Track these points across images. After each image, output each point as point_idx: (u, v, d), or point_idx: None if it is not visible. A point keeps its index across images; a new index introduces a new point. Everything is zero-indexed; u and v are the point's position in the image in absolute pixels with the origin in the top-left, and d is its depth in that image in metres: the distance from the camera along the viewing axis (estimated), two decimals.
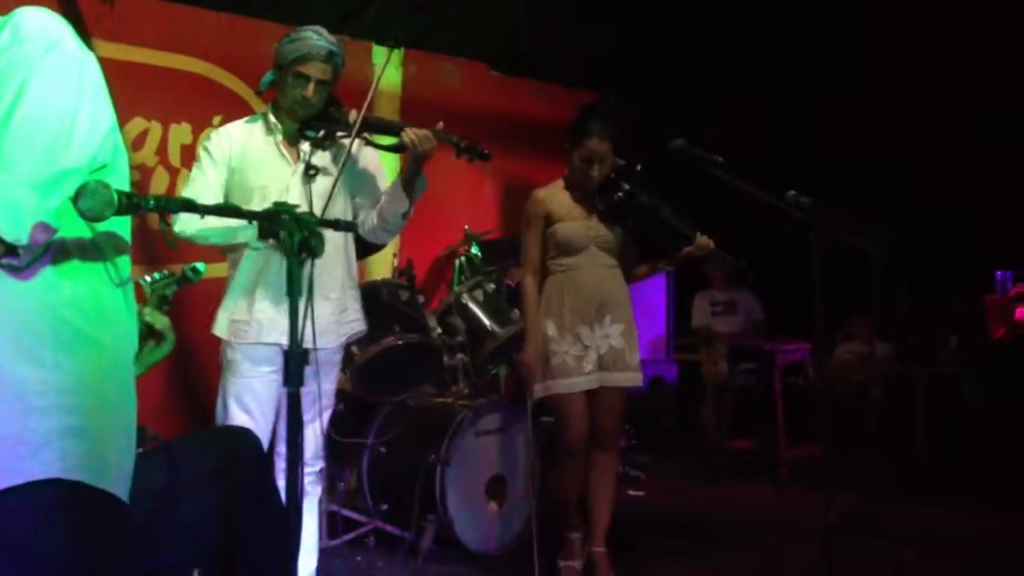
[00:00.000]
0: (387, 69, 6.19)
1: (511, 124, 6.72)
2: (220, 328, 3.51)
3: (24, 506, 1.81)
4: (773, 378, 6.19)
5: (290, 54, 3.41)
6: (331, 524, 4.50)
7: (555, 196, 4.24)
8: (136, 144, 5.10)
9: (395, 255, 5.37)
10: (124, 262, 2.02)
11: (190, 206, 1.98)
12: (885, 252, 3.81)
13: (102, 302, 1.96)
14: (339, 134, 3.50)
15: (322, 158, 3.52)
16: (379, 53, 6.20)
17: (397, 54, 6.29)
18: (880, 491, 5.73)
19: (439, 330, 4.67)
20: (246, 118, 3.65)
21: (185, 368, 5.00)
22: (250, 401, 3.41)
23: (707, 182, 3.84)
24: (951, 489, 5.91)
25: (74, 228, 1.89)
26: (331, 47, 3.45)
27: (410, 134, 3.40)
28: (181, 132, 5.24)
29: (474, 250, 5.53)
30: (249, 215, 2.12)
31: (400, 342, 4.32)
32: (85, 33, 4.88)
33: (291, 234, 2.03)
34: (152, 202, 1.84)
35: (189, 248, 3.58)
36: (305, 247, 2.03)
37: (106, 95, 1.95)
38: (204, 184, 3.46)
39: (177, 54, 5.25)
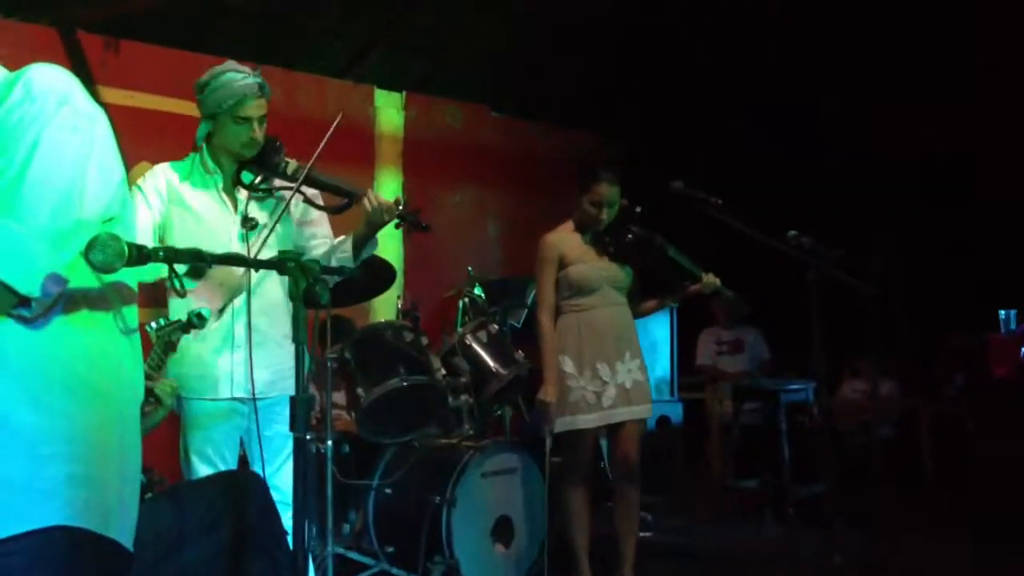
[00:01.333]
0: (389, 112, 6.33)
1: (512, 165, 6.78)
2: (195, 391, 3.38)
3: (28, 552, 1.82)
4: (778, 417, 6.18)
5: (225, 100, 3.26)
6: (337, 566, 4.46)
7: (566, 239, 4.40)
8: None
9: (399, 296, 5.38)
10: (131, 312, 2.06)
11: (200, 257, 2.00)
12: (875, 288, 3.85)
13: (109, 352, 1.99)
14: (276, 183, 3.39)
15: (260, 206, 3.40)
16: (381, 96, 6.27)
17: (399, 97, 6.36)
18: (886, 528, 5.69)
19: (443, 371, 4.65)
20: (184, 159, 3.49)
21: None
22: (210, 451, 3.35)
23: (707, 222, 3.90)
24: (955, 524, 5.88)
25: (83, 279, 1.92)
26: (259, 80, 3.32)
27: (373, 201, 3.29)
28: None
29: (477, 291, 5.54)
30: (255, 264, 2.14)
31: (404, 383, 4.31)
32: (90, 79, 4.95)
33: (296, 282, 2.04)
34: (161, 253, 1.87)
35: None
36: (310, 296, 2.05)
37: (115, 148, 1.99)
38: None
39: (181, 99, 5.28)
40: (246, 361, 3.23)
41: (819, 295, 3.79)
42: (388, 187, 6.13)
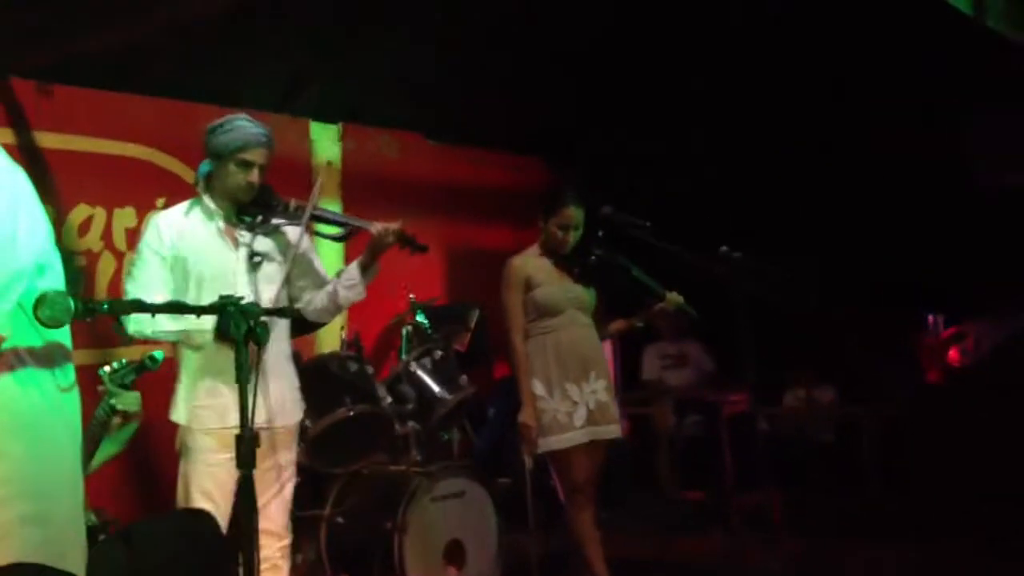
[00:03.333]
0: (324, 144, 6.40)
1: (451, 192, 6.86)
2: (179, 415, 3.53)
3: None
4: (719, 428, 6.30)
5: (231, 143, 3.48)
6: None
7: (532, 262, 4.47)
8: (81, 230, 5.14)
9: (343, 327, 5.44)
10: (70, 369, 2.13)
11: (141, 307, 2.08)
12: (801, 302, 4.00)
13: (53, 402, 2.06)
14: (276, 220, 3.59)
15: (263, 244, 3.59)
16: (316, 129, 6.33)
17: (335, 129, 6.42)
18: (829, 534, 5.83)
19: (389, 399, 4.75)
20: (182, 205, 3.67)
21: (142, 451, 4.99)
22: (212, 488, 3.40)
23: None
24: (897, 527, 6.03)
25: (26, 337, 1.99)
26: (267, 131, 3.56)
27: (379, 226, 3.57)
28: (125, 216, 5.30)
29: (420, 318, 5.62)
30: (198, 310, 2.22)
31: (351, 413, 4.40)
32: (25, 124, 4.95)
33: (237, 325, 2.12)
34: (106, 306, 1.94)
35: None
36: (252, 336, 2.12)
37: (38, 202, 2.08)
38: (147, 279, 3.49)
39: (117, 140, 5.32)
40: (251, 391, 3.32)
41: (745, 310, 3.95)
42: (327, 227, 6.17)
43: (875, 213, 6.95)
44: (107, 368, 3.02)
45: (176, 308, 2.54)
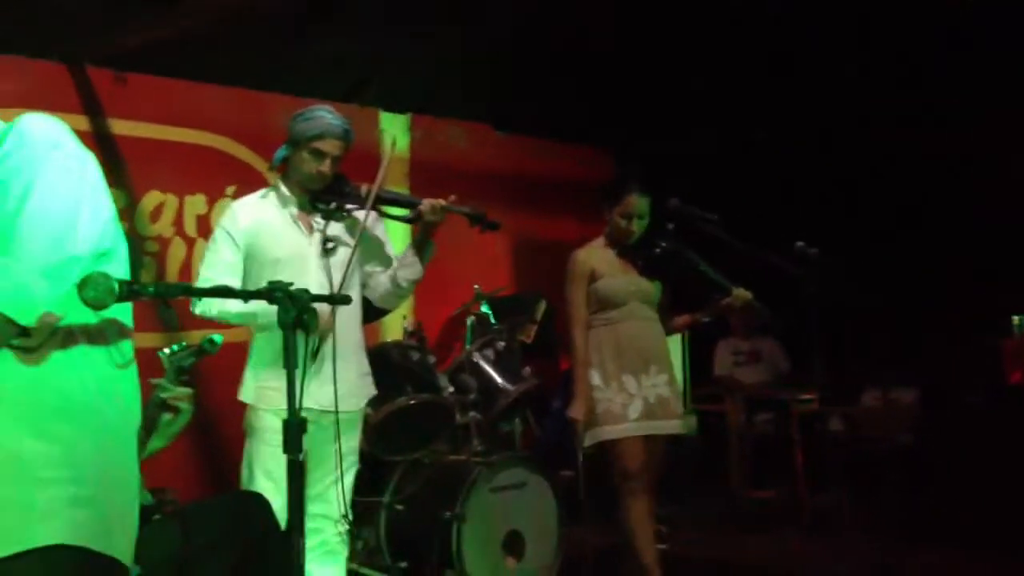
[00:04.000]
0: (394, 133, 6.41)
1: (517, 183, 6.84)
2: (247, 394, 3.59)
3: (31, 570, 1.91)
4: (790, 427, 6.18)
5: (308, 131, 3.51)
6: None
7: (596, 254, 4.42)
8: (153, 216, 5.24)
9: (405, 317, 5.45)
10: (127, 346, 2.15)
11: (188, 291, 2.10)
12: (871, 300, 3.89)
13: (106, 382, 2.08)
14: (349, 206, 3.62)
15: (335, 229, 3.63)
16: (387, 119, 6.36)
17: (404, 119, 6.44)
18: (899, 538, 5.68)
19: (451, 389, 4.75)
20: (259, 192, 3.73)
21: (209, 432, 5.08)
22: (275, 468, 3.40)
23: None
24: (969, 534, 5.85)
25: (81, 315, 2.01)
26: (345, 125, 3.59)
27: (425, 204, 3.59)
28: (196, 203, 5.39)
29: (485, 308, 5.61)
30: (245, 295, 2.21)
31: (412, 402, 4.40)
32: (100, 111, 5.06)
33: (286, 311, 2.11)
34: (152, 289, 1.96)
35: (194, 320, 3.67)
36: (299, 323, 2.12)
37: (104, 188, 2.11)
38: (220, 262, 3.55)
39: (189, 128, 5.42)
40: (317, 375, 3.38)
41: (815, 307, 3.84)
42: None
43: (960, 211, 6.77)
44: (166, 350, 3.06)
45: (223, 292, 2.55)
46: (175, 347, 3.21)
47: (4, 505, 1.91)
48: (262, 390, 3.53)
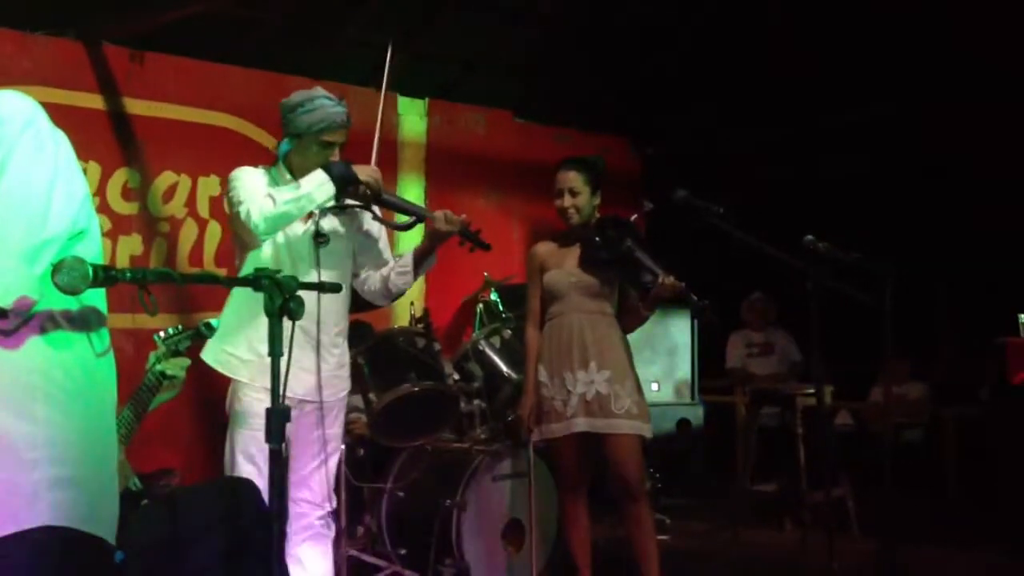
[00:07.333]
0: (411, 119, 6.42)
1: (535, 170, 6.80)
2: (208, 354, 3.49)
3: (18, 551, 1.94)
4: (794, 421, 6.17)
5: (314, 124, 3.44)
6: (350, 568, 4.56)
7: (548, 247, 4.39)
8: (166, 196, 5.27)
9: (412, 303, 5.46)
10: (104, 333, 2.17)
11: (166, 276, 2.11)
12: (875, 298, 3.85)
13: (89, 367, 2.10)
14: (349, 202, 3.58)
15: (331, 222, 3.59)
16: (404, 104, 6.36)
17: (422, 104, 6.44)
18: (900, 535, 5.66)
19: (456, 376, 4.77)
20: (260, 168, 3.62)
21: (214, 412, 5.11)
22: (256, 453, 3.41)
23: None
24: (971, 532, 5.84)
25: (61, 300, 2.02)
26: (346, 109, 3.52)
27: (439, 215, 3.58)
28: (210, 184, 5.41)
29: (494, 296, 5.62)
30: (228, 282, 2.23)
31: (416, 389, 4.41)
32: (116, 91, 5.09)
33: (272, 298, 2.13)
34: (128, 274, 1.96)
35: (205, 301, 3.70)
36: (285, 310, 2.13)
37: (77, 167, 2.11)
38: (256, 185, 3.40)
39: (205, 109, 5.43)
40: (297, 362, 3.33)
41: (818, 301, 3.81)
42: (411, 193, 6.21)
43: (969, 210, 6.72)
44: (162, 333, 3.10)
45: (205, 279, 2.57)
46: (171, 329, 3.26)
47: None
48: (224, 354, 3.46)
